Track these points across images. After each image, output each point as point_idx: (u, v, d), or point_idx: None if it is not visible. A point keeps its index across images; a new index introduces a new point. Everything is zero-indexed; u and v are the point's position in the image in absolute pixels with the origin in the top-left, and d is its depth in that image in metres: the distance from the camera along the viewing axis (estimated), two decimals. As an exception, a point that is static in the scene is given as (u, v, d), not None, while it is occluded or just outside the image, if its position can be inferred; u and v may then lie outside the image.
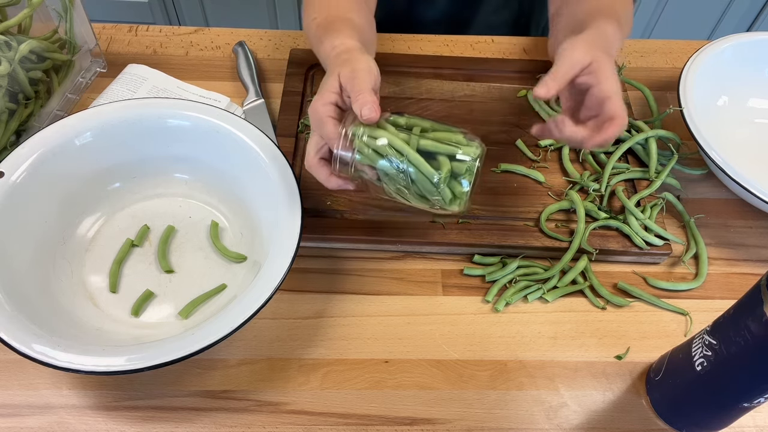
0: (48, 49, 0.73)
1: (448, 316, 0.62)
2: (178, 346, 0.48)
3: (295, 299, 0.62)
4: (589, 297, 0.63)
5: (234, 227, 0.65)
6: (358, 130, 0.52)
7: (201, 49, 0.85)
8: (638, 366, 0.59)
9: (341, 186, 0.55)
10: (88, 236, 0.63)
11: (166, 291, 0.61)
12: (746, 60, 0.77)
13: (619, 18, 0.65)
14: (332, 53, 0.59)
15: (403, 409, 0.56)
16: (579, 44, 0.57)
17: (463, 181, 0.52)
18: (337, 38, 0.61)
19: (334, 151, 0.52)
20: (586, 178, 0.69)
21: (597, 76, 0.56)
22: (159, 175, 0.66)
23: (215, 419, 0.55)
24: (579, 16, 0.67)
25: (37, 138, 0.59)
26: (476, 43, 0.88)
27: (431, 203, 0.53)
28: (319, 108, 0.53)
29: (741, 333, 0.44)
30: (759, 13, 1.69)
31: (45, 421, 0.54)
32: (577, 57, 0.56)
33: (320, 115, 0.53)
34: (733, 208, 0.72)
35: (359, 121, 0.52)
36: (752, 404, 0.48)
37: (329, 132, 0.53)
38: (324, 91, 0.54)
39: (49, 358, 0.47)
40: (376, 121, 0.52)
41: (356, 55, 0.56)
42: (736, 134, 0.77)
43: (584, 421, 0.56)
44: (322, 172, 0.55)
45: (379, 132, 0.52)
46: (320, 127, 0.53)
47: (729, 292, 0.65)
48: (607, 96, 0.55)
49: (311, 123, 0.55)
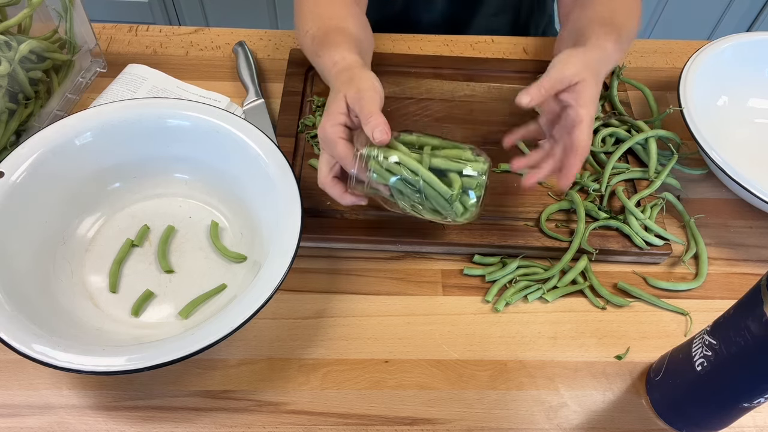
0: (48, 49, 0.73)
1: (448, 316, 0.62)
2: (178, 346, 0.48)
3: (295, 299, 0.62)
4: (589, 297, 0.63)
5: (234, 227, 0.65)
6: (372, 151, 0.54)
7: (201, 49, 0.85)
8: (638, 366, 0.59)
9: (355, 202, 0.57)
10: (88, 236, 0.63)
11: (166, 291, 0.61)
12: (746, 60, 0.77)
13: (620, 31, 0.65)
14: (333, 70, 0.60)
15: (403, 409, 0.56)
16: (573, 60, 0.59)
17: (472, 194, 0.54)
18: (337, 52, 0.61)
19: (350, 171, 0.54)
20: (586, 178, 0.69)
21: (578, 98, 0.57)
22: (159, 175, 0.66)
23: (215, 419, 0.55)
24: (582, 23, 0.67)
25: (37, 138, 0.59)
26: (476, 43, 0.88)
27: (443, 216, 0.56)
28: (329, 129, 0.55)
29: (741, 333, 0.44)
30: (759, 13, 1.69)
31: (45, 421, 0.54)
32: (567, 73, 0.57)
33: (331, 136, 0.54)
34: (733, 208, 0.72)
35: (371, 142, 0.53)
36: (752, 404, 0.48)
37: (341, 153, 0.54)
38: (332, 113, 0.55)
39: (49, 358, 0.47)
40: (387, 142, 0.53)
41: (358, 72, 0.57)
42: (736, 134, 0.77)
43: (584, 421, 0.56)
44: (336, 190, 0.57)
45: (392, 152, 0.54)
46: (332, 148, 0.55)
47: (729, 292, 0.65)
48: (580, 121, 0.57)
49: (321, 143, 0.56)
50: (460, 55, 0.86)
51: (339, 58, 0.61)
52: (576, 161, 0.57)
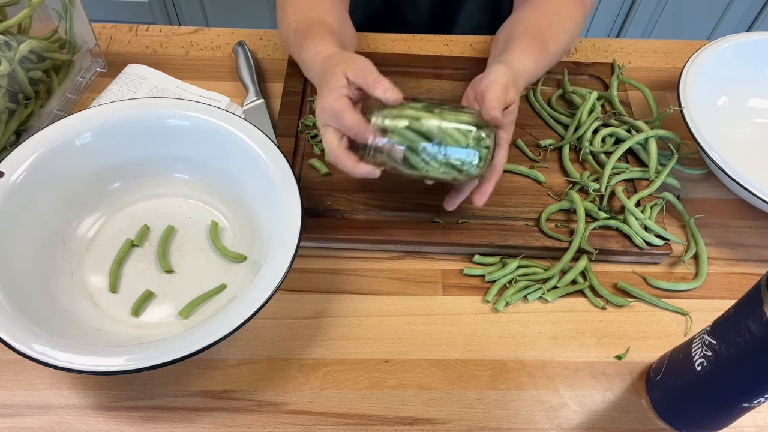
0: (48, 49, 0.73)
1: (448, 316, 0.62)
2: (178, 346, 0.48)
3: (295, 299, 0.62)
4: (589, 297, 0.63)
5: (234, 227, 0.65)
6: (390, 112, 0.55)
7: (201, 49, 0.85)
8: (638, 366, 0.59)
9: (369, 173, 0.56)
10: (88, 236, 0.63)
11: (166, 291, 0.61)
12: (746, 60, 0.77)
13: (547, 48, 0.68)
14: (317, 58, 0.62)
15: (403, 409, 0.56)
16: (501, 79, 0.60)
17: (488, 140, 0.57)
18: (320, 44, 0.63)
19: (363, 140, 0.54)
20: (586, 178, 0.69)
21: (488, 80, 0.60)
22: (159, 175, 0.66)
23: (215, 419, 0.55)
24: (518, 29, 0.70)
25: (37, 138, 0.59)
26: (476, 43, 0.88)
27: (458, 170, 0.57)
28: (334, 103, 0.55)
29: (741, 333, 0.44)
30: (759, 13, 1.69)
31: (45, 421, 0.54)
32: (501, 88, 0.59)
33: (338, 108, 0.54)
34: (733, 208, 0.72)
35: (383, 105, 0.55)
36: (752, 404, 0.48)
37: (352, 121, 0.54)
38: (333, 88, 0.56)
39: (49, 358, 0.47)
40: (401, 102, 0.55)
41: (347, 55, 0.59)
42: (736, 134, 0.77)
43: (584, 421, 0.56)
44: (350, 161, 0.56)
45: (407, 109, 0.55)
46: (340, 118, 0.55)
47: (729, 292, 0.65)
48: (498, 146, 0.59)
49: (325, 119, 0.56)
50: (460, 55, 0.86)
51: (322, 48, 0.62)
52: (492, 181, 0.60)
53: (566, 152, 0.72)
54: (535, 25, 0.69)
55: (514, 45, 0.66)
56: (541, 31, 0.69)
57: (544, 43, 0.68)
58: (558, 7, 0.72)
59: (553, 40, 0.69)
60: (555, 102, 0.78)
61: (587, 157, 0.72)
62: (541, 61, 0.67)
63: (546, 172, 0.71)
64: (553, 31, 0.69)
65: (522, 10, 0.73)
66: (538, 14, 0.71)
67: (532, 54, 0.65)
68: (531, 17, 0.71)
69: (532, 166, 0.72)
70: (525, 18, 0.71)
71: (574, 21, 0.73)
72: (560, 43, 0.70)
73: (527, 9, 0.73)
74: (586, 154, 0.72)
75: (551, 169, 0.72)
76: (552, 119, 0.76)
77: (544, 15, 0.71)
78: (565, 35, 0.71)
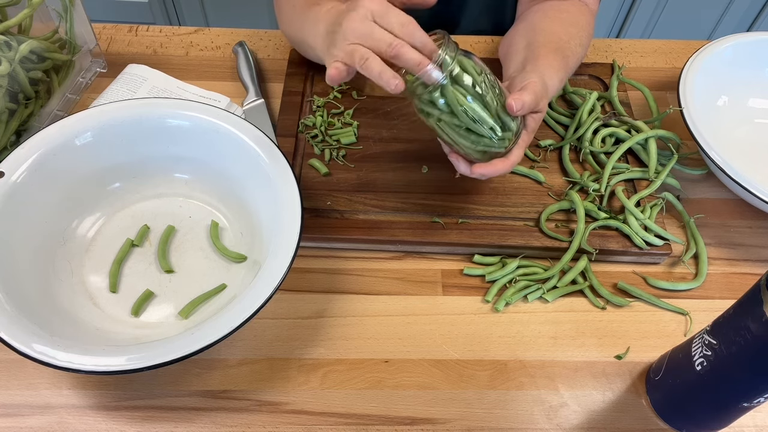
0: (48, 49, 0.73)
1: (448, 316, 0.62)
2: (178, 346, 0.48)
3: (295, 299, 0.62)
4: (589, 297, 0.63)
5: (234, 227, 0.65)
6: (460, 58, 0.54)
7: (201, 49, 0.85)
8: (638, 366, 0.59)
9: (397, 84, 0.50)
10: (88, 236, 0.63)
11: (166, 291, 0.61)
12: (746, 60, 0.77)
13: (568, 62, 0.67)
14: (333, 11, 0.58)
15: (403, 409, 0.56)
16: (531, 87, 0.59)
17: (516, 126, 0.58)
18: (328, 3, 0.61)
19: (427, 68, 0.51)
20: (586, 178, 0.69)
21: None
22: (159, 175, 0.66)
23: (215, 419, 0.55)
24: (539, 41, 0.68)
25: (37, 138, 0.60)
26: (475, 43, 0.88)
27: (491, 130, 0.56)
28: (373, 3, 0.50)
29: (741, 333, 0.44)
30: (759, 13, 1.69)
31: (45, 421, 0.54)
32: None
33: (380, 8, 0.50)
34: (733, 208, 0.72)
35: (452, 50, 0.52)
36: (752, 404, 0.48)
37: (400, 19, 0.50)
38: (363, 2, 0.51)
39: (49, 358, 0.47)
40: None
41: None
42: (735, 134, 0.77)
43: (584, 421, 0.56)
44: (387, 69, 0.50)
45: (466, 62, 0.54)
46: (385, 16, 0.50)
47: (729, 292, 0.65)
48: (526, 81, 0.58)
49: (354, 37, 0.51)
50: (460, 55, 0.86)
51: (331, 6, 0.60)
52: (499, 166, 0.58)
53: (566, 152, 0.72)
54: (557, 38, 0.68)
55: (539, 59, 0.64)
56: (562, 43, 0.67)
57: (566, 57, 0.67)
58: (576, 17, 0.71)
59: (573, 54, 0.68)
60: (555, 102, 0.78)
61: (587, 157, 0.72)
62: (563, 78, 0.67)
63: (546, 172, 0.71)
64: (572, 44, 0.68)
65: (538, 17, 0.72)
66: (559, 24, 0.70)
67: (557, 71, 0.64)
68: (552, 27, 0.70)
69: (532, 166, 0.72)
70: (544, 27, 0.70)
71: (588, 35, 0.72)
72: (577, 58, 0.70)
73: (543, 16, 0.71)
74: (586, 154, 0.72)
75: (551, 169, 0.72)
76: (552, 119, 0.76)
77: (564, 25, 0.70)
78: (581, 49, 0.71)
